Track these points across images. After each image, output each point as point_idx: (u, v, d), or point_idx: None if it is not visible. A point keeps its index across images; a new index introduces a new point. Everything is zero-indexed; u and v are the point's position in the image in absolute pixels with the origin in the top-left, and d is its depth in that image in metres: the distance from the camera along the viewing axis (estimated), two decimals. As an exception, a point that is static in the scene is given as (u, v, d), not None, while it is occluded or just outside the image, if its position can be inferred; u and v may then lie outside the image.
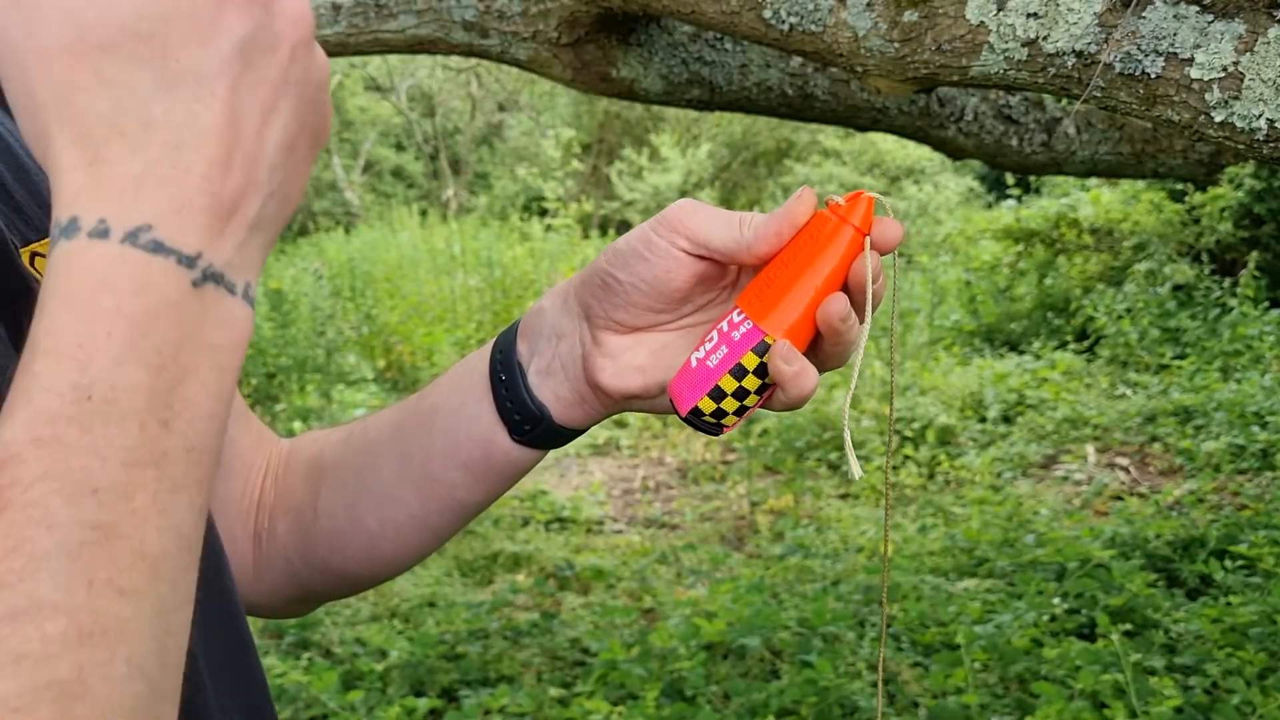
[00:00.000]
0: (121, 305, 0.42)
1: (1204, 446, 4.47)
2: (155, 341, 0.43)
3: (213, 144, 0.44)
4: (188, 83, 0.44)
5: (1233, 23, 0.87)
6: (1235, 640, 2.76)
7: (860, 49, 1.15)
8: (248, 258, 0.46)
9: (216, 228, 0.44)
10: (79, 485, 0.40)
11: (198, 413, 0.44)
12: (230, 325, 0.45)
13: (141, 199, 0.43)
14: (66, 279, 0.43)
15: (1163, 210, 6.92)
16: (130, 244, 0.43)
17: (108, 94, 0.44)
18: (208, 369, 0.44)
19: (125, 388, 0.42)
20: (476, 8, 1.56)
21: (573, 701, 2.71)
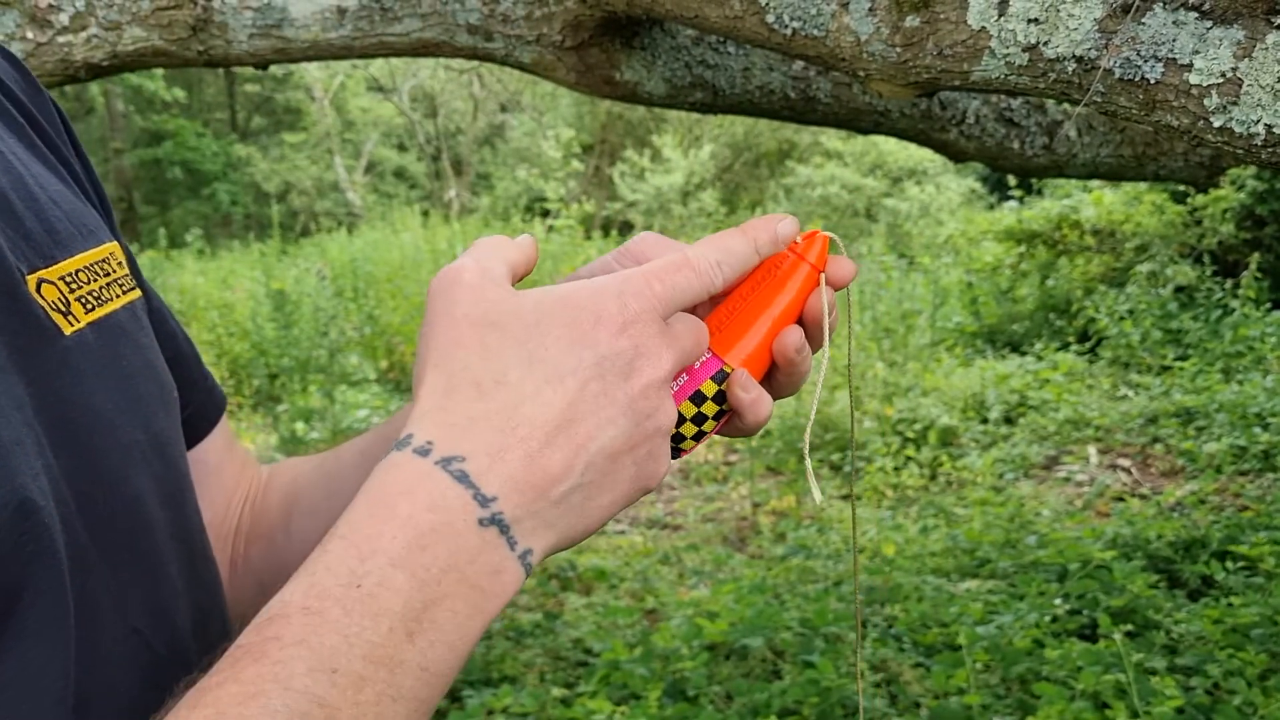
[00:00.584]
0: (413, 515, 0.48)
1: (1206, 448, 4.48)
2: (428, 558, 0.47)
3: (546, 419, 0.51)
4: (547, 368, 0.52)
5: (1231, 29, 0.88)
6: (1237, 641, 2.77)
7: (862, 53, 1.16)
8: (537, 527, 0.51)
9: (520, 485, 0.50)
10: (322, 661, 0.44)
11: (441, 637, 0.47)
12: (499, 574, 0.49)
13: (467, 435, 0.50)
14: (381, 481, 0.49)
15: (1165, 212, 6.92)
16: (442, 467, 0.49)
17: (481, 355, 0.52)
18: (464, 603, 0.48)
19: (389, 588, 0.46)
20: (481, 11, 1.57)
21: (575, 701, 2.72)
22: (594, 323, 0.52)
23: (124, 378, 0.60)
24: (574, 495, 0.51)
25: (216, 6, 1.56)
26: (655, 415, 0.54)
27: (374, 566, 0.46)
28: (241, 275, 9.36)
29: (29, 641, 0.47)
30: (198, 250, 11.15)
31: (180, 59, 1.60)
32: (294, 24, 1.57)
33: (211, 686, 0.44)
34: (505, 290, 0.54)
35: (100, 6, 1.53)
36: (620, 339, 0.52)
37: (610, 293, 0.53)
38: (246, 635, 0.46)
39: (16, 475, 0.48)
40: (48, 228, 0.58)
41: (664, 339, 0.54)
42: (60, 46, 1.53)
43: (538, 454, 0.50)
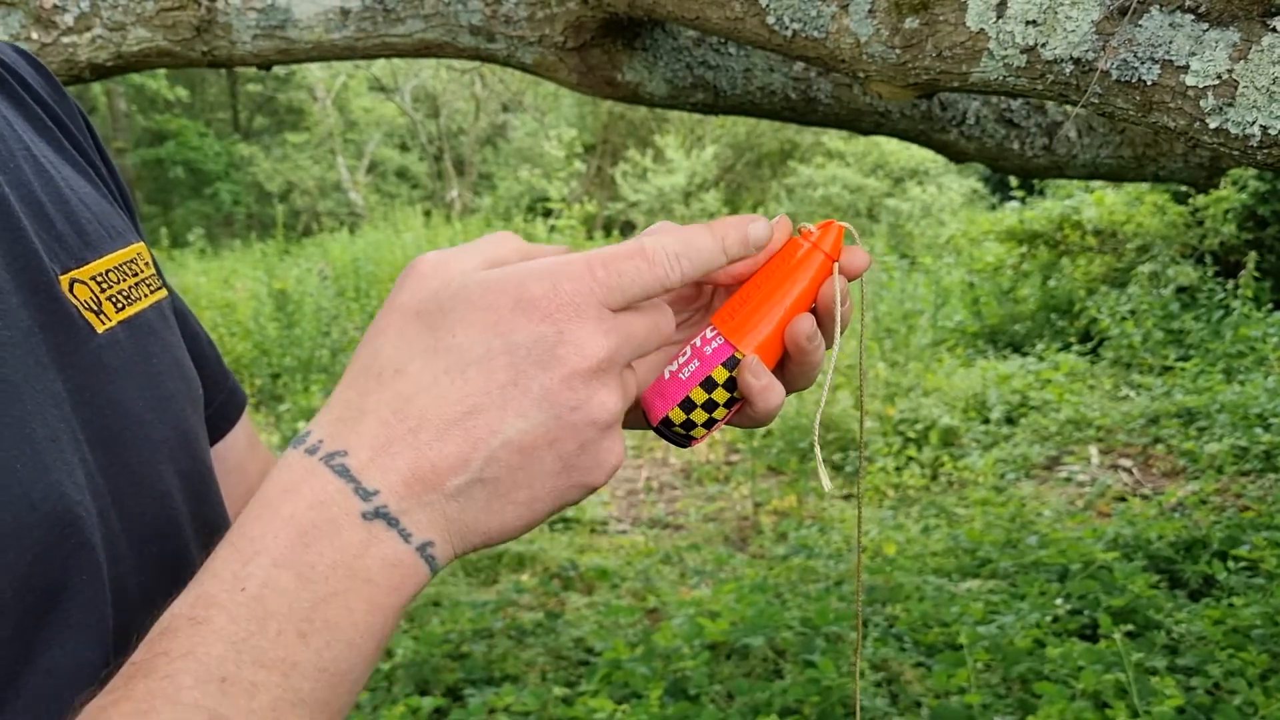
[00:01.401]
0: (296, 513, 0.47)
1: (1207, 448, 4.48)
2: (312, 556, 0.46)
3: (439, 410, 0.48)
4: (449, 356, 0.49)
5: (1227, 31, 0.89)
6: (1237, 641, 2.77)
7: (862, 55, 1.17)
8: (433, 520, 0.48)
9: (406, 479, 0.48)
10: (210, 671, 0.43)
11: (338, 636, 0.46)
12: (393, 567, 0.47)
13: (355, 429, 0.48)
14: (271, 481, 0.48)
15: (1166, 212, 6.92)
16: (325, 463, 0.48)
17: (393, 344, 0.50)
18: (359, 599, 0.46)
19: (274, 589, 0.45)
20: (483, 12, 1.58)
21: (577, 700, 2.73)
22: (512, 307, 0.49)
23: (153, 375, 0.61)
24: (474, 490, 0.49)
25: (220, 7, 1.57)
26: (583, 408, 0.50)
27: (257, 568, 0.45)
28: (243, 275, 9.38)
29: (71, 632, 0.48)
30: (200, 250, 11.17)
31: (184, 59, 1.61)
32: (297, 25, 1.58)
33: (106, 705, 0.43)
34: (450, 278, 0.51)
35: (105, 7, 1.54)
36: (541, 324, 0.49)
37: (540, 274, 0.50)
38: (139, 651, 0.45)
39: (51, 471, 0.49)
40: (78, 229, 0.60)
41: (599, 326, 0.50)
42: (65, 47, 1.54)
43: (426, 446, 0.48)
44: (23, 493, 0.47)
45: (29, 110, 0.65)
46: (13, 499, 0.46)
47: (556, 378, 0.49)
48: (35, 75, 0.68)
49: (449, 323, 0.49)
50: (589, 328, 0.50)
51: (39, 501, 0.47)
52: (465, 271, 0.51)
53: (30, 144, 0.61)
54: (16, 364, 0.50)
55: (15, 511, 0.46)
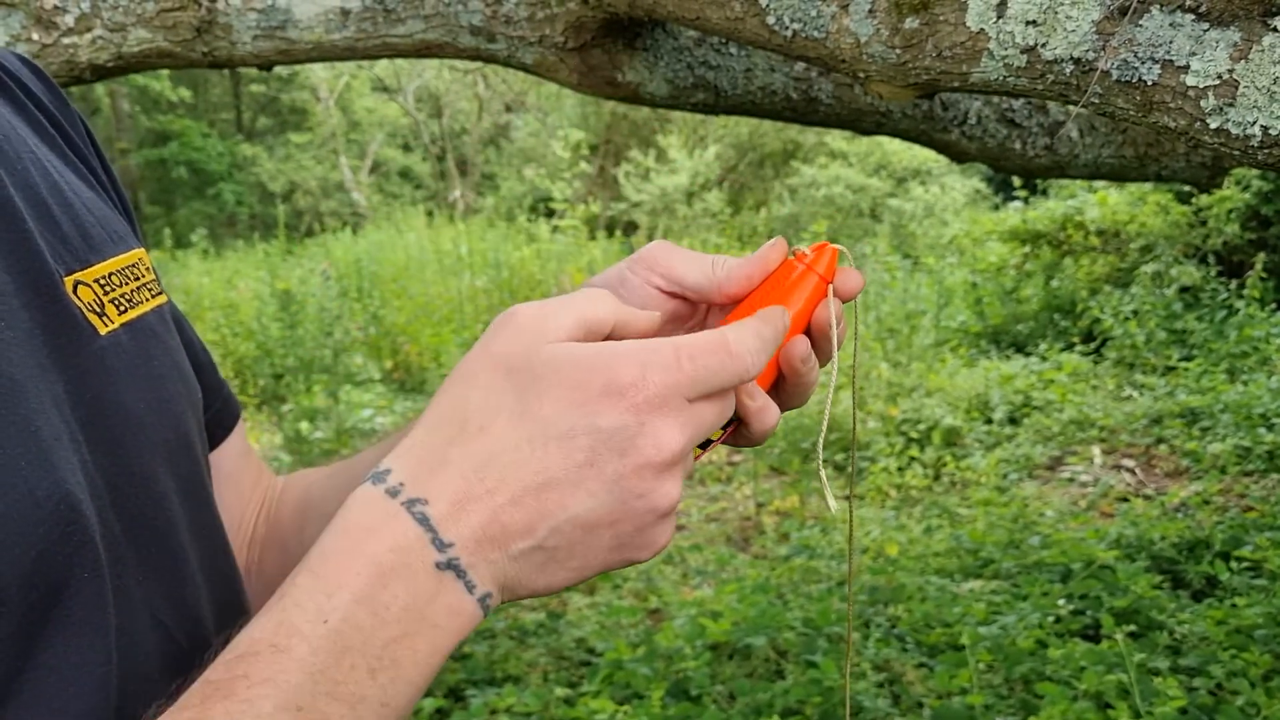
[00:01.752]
0: (377, 554, 0.49)
1: (1210, 448, 4.47)
2: (388, 596, 0.48)
3: (517, 477, 0.50)
4: (534, 425, 0.51)
5: (1228, 30, 0.89)
6: (1240, 642, 2.77)
7: (862, 55, 1.17)
8: (495, 575, 0.51)
9: (478, 536, 0.50)
10: (289, 698, 0.45)
11: (401, 674, 0.48)
12: (456, 615, 0.50)
13: (437, 478, 0.50)
14: (352, 515, 0.50)
15: (1169, 212, 6.91)
16: (406, 508, 0.50)
17: (482, 396, 0.52)
18: (423, 641, 0.49)
19: (353, 626, 0.47)
20: (483, 13, 1.58)
21: (579, 701, 2.73)
22: (601, 391, 0.51)
23: (154, 379, 0.62)
24: (535, 555, 0.51)
25: (221, 8, 1.57)
26: (649, 496, 0.52)
27: (340, 603, 0.47)
28: (246, 275, 9.39)
29: (74, 629, 0.49)
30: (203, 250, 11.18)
31: (185, 60, 1.61)
32: (297, 25, 1.58)
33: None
34: (545, 339, 0.53)
35: (105, 8, 1.54)
36: (626, 414, 0.51)
37: (633, 361, 0.51)
38: (215, 670, 0.47)
39: (57, 469, 0.50)
40: (82, 232, 0.61)
41: (678, 420, 0.52)
42: (65, 48, 1.54)
43: (501, 510, 0.50)
44: (27, 490, 0.48)
45: (32, 116, 0.66)
46: (18, 496, 0.47)
47: (630, 466, 0.51)
48: (38, 83, 0.69)
49: (538, 391, 0.51)
50: (669, 422, 0.51)
51: (43, 499, 0.48)
52: (559, 334, 0.53)
53: (34, 148, 0.62)
54: (20, 363, 0.51)
55: (20, 508, 0.47)
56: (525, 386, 0.51)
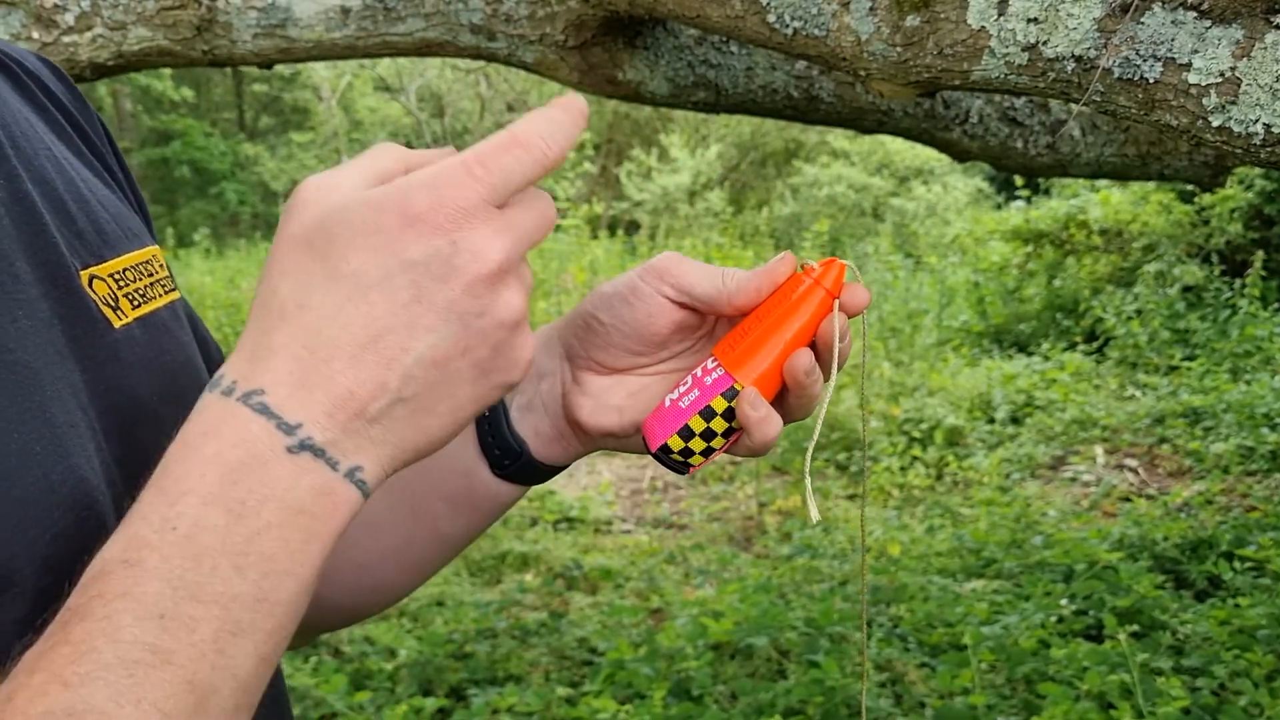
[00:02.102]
0: (220, 452, 0.47)
1: (1213, 448, 4.46)
2: (241, 491, 0.46)
3: (349, 338, 0.48)
4: (348, 283, 0.49)
5: (1230, 28, 0.88)
6: (1243, 642, 2.76)
7: (863, 53, 1.16)
8: (360, 445, 0.49)
9: (326, 409, 0.48)
10: (148, 609, 0.44)
11: (274, 567, 0.47)
12: (325, 495, 0.48)
13: (268, 368, 0.49)
14: (191, 425, 0.49)
15: (1172, 211, 6.90)
16: (243, 402, 0.48)
17: (289, 279, 0.50)
18: (294, 529, 0.47)
19: (205, 527, 0.46)
20: (484, 11, 1.57)
21: (580, 701, 2.73)
22: (400, 225, 0.49)
23: (167, 372, 0.62)
24: (396, 409, 0.49)
25: (221, 6, 1.56)
26: (490, 311, 0.50)
27: (186, 508, 0.46)
28: (249, 274, 9.39)
29: None
30: (205, 249, 11.19)
31: (185, 59, 1.60)
32: (298, 24, 1.57)
33: (45, 651, 0.44)
34: (331, 201, 0.50)
35: (105, 6, 1.54)
36: (433, 238, 0.49)
37: (422, 186, 0.49)
38: (73, 597, 0.46)
39: (71, 456, 0.50)
40: (97, 228, 0.61)
41: (490, 227, 0.50)
42: (66, 46, 1.53)
43: (341, 374, 0.48)
44: (42, 474, 0.48)
45: (50, 115, 0.66)
46: (33, 480, 0.47)
47: (458, 288, 0.49)
48: (57, 82, 0.70)
49: (340, 249, 0.49)
50: (480, 232, 0.49)
51: (58, 484, 0.48)
52: (347, 193, 0.51)
53: (51, 146, 0.63)
54: (37, 351, 0.51)
55: (35, 492, 0.47)
56: (327, 251, 0.49)
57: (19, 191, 0.56)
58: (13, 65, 0.66)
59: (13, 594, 0.46)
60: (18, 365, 0.50)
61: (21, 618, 0.46)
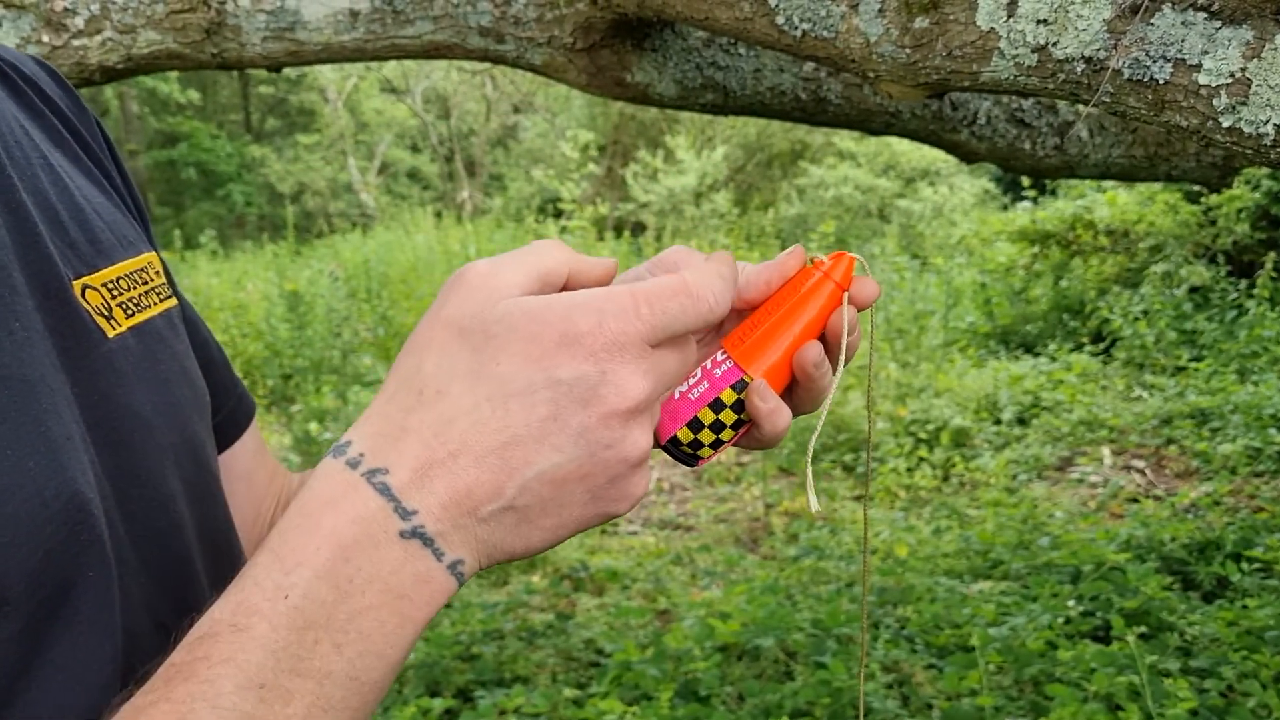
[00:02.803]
0: (337, 528, 0.48)
1: (1220, 449, 4.45)
2: (351, 569, 0.47)
3: (479, 438, 0.49)
4: (492, 384, 0.50)
5: (1240, 29, 0.88)
6: (1251, 643, 2.76)
7: (872, 55, 1.16)
8: (466, 540, 0.50)
9: (444, 501, 0.49)
10: (250, 678, 0.45)
11: (370, 647, 0.48)
12: (425, 583, 0.49)
13: (395, 448, 0.49)
14: (312, 490, 0.49)
15: (1179, 212, 6.89)
16: (366, 479, 0.49)
17: (435, 359, 0.51)
18: (391, 613, 0.48)
19: (314, 600, 0.47)
20: (492, 14, 1.58)
21: (587, 702, 2.73)
22: (557, 342, 0.50)
23: (161, 382, 0.62)
24: (505, 515, 0.50)
25: (230, 10, 1.57)
26: (618, 445, 0.51)
27: (299, 579, 0.47)
28: (255, 276, 9.41)
29: (81, 628, 0.49)
30: (212, 251, 11.21)
31: (194, 62, 1.61)
32: (306, 27, 1.58)
33: (145, 706, 0.45)
34: (496, 296, 0.52)
35: (115, 10, 1.54)
36: (585, 363, 0.50)
37: (587, 309, 0.50)
38: (178, 653, 0.47)
39: (67, 469, 0.50)
40: (91, 237, 0.61)
41: (640, 366, 0.51)
42: (75, 50, 1.54)
43: (464, 471, 0.49)
44: (35, 490, 0.48)
45: (46, 121, 0.66)
46: (25, 497, 0.47)
47: (595, 416, 0.50)
48: (54, 86, 0.70)
49: (493, 349, 0.50)
50: (630, 368, 0.50)
51: (50, 499, 0.49)
52: (511, 290, 0.52)
53: (47, 153, 0.63)
54: (33, 363, 0.51)
55: (27, 509, 0.47)
56: (480, 346, 0.50)
57: (13, 201, 0.56)
58: (9, 70, 0.66)
59: (6, 611, 0.46)
60: (12, 380, 0.50)
61: (15, 633, 0.46)
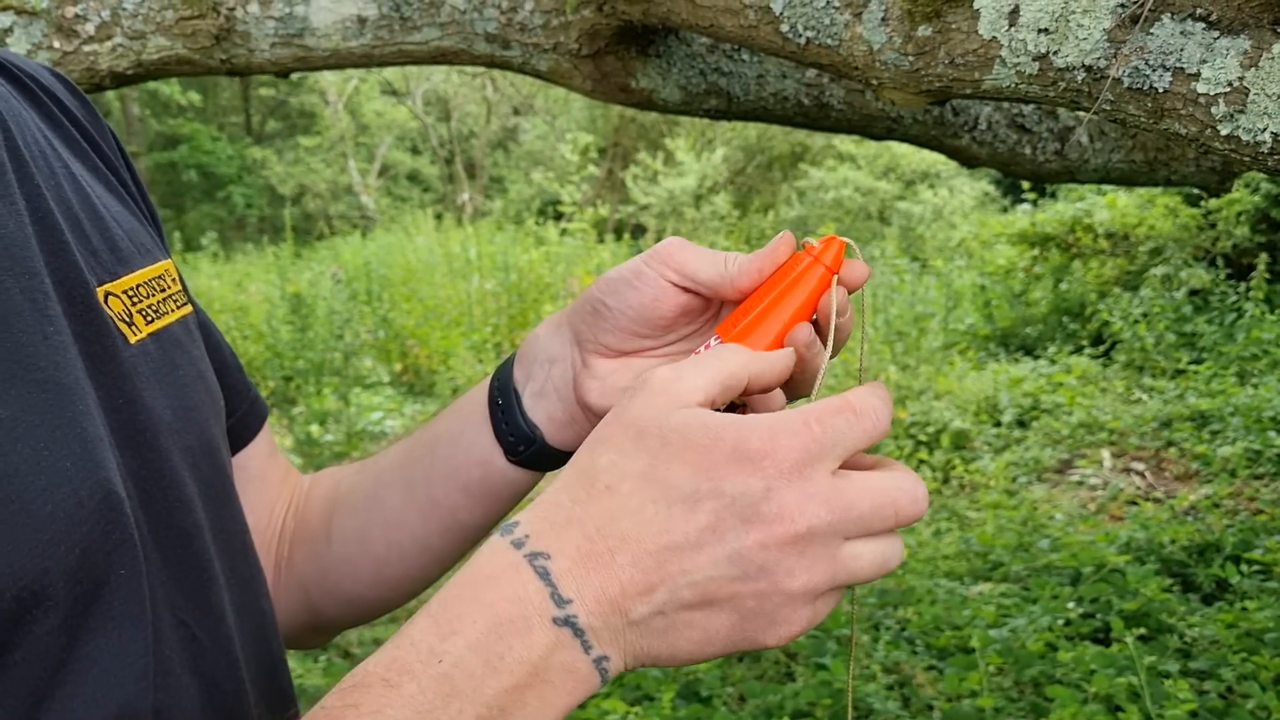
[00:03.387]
0: (495, 604, 0.49)
1: (1220, 451, 4.47)
2: (503, 647, 0.49)
3: (638, 538, 0.50)
4: (659, 488, 0.51)
5: (1238, 39, 0.90)
6: (1250, 645, 2.77)
7: (875, 62, 1.18)
8: (614, 640, 0.51)
9: (599, 595, 0.50)
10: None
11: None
12: (570, 674, 0.50)
13: (560, 535, 0.51)
14: (478, 563, 0.51)
15: (1179, 215, 6.90)
16: (529, 561, 0.50)
17: (610, 456, 0.52)
18: (534, 696, 0.49)
19: (465, 672, 0.48)
20: (499, 20, 1.59)
21: (589, 702, 2.74)
22: (729, 456, 0.50)
23: (180, 386, 0.63)
24: (653, 620, 0.51)
25: (239, 16, 1.59)
26: (770, 571, 0.50)
27: (452, 648, 0.48)
28: (256, 278, 9.42)
29: (114, 623, 0.51)
30: (212, 253, 11.22)
31: (203, 67, 1.63)
32: (315, 33, 1.59)
33: None
34: (678, 403, 0.53)
35: (125, 16, 1.56)
36: (752, 478, 0.50)
37: (762, 428, 0.51)
38: (330, 698, 0.49)
39: (102, 468, 0.52)
40: (111, 245, 0.62)
41: (809, 490, 0.50)
42: (86, 56, 1.56)
43: (621, 569, 0.50)
44: (72, 490, 0.49)
45: (65, 131, 0.67)
46: (63, 496, 0.49)
47: (752, 537, 0.50)
48: (70, 97, 0.71)
49: (667, 455, 0.51)
50: (796, 490, 0.50)
51: (86, 499, 0.50)
52: (693, 397, 0.53)
53: (68, 162, 0.64)
54: (68, 367, 0.53)
55: (65, 507, 0.49)
56: (655, 450, 0.51)
57: (40, 209, 0.57)
58: (29, 82, 0.67)
59: (46, 607, 0.47)
60: (48, 383, 0.51)
61: (55, 628, 0.48)
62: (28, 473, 0.48)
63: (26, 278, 0.53)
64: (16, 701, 0.46)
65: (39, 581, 0.47)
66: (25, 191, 0.57)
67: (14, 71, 0.67)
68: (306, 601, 0.81)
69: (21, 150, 0.59)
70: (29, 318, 0.52)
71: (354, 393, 6.11)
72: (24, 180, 0.57)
